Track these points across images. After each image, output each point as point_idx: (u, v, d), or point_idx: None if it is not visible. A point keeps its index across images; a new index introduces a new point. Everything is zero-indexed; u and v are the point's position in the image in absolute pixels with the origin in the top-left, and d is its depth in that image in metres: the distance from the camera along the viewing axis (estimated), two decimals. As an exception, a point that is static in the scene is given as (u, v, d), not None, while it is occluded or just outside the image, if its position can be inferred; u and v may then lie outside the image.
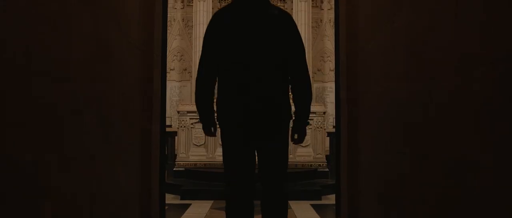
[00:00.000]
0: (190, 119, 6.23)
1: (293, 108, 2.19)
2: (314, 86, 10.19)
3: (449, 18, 1.44)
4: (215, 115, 2.22)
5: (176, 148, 6.85)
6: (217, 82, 2.19)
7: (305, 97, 2.17)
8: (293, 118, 2.20)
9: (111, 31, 2.09)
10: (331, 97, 9.79)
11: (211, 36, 2.15)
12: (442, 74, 1.49)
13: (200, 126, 6.15)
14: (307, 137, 5.10)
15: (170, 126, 8.60)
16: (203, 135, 6.14)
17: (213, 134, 2.25)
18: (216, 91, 2.20)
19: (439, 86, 1.53)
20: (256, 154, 2.19)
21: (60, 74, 1.50)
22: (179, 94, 10.41)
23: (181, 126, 6.26)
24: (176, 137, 6.86)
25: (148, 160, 2.66)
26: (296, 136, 2.20)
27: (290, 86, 2.18)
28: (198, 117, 2.27)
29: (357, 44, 2.59)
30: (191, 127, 6.24)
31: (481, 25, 1.26)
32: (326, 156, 6.67)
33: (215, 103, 2.21)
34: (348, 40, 2.63)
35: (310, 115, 2.73)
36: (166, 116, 2.97)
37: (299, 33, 2.20)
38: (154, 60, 2.70)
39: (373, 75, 2.35)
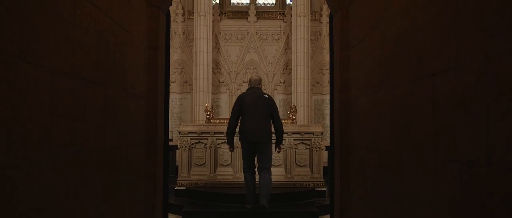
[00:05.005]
0: (191, 139, 6.34)
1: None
2: (313, 98, 10.34)
3: (427, 115, 1.59)
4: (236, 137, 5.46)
5: (177, 160, 6.96)
6: (239, 124, 5.24)
7: (279, 132, 5.20)
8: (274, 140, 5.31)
9: (119, 92, 2.25)
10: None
11: (236, 106, 5.17)
12: (422, 159, 1.64)
13: (200, 146, 6.32)
14: (305, 157, 5.82)
15: (171, 140, 8.75)
16: (204, 154, 6.31)
17: (232, 150, 5.40)
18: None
19: (418, 164, 1.68)
20: (256, 155, 5.21)
21: (77, 147, 1.66)
22: (180, 106, 10.54)
23: (182, 146, 6.36)
24: (177, 151, 6.97)
25: (152, 204, 2.81)
26: (277, 150, 5.32)
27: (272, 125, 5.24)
28: (226, 141, 5.43)
29: (349, 96, 2.73)
30: (192, 147, 6.35)
31: (456, 126, 1.41)
32: (324, 167, 6.79)
33: (238, 133, 5.23)
34: (341, 91, 2.77)
35: (307, 135, 6.50)
36: (168, 129, 3.20)
37: (275, 103, 5.31)
38: (158, 109, 2.85)
39: (363, 129, 2.49)
